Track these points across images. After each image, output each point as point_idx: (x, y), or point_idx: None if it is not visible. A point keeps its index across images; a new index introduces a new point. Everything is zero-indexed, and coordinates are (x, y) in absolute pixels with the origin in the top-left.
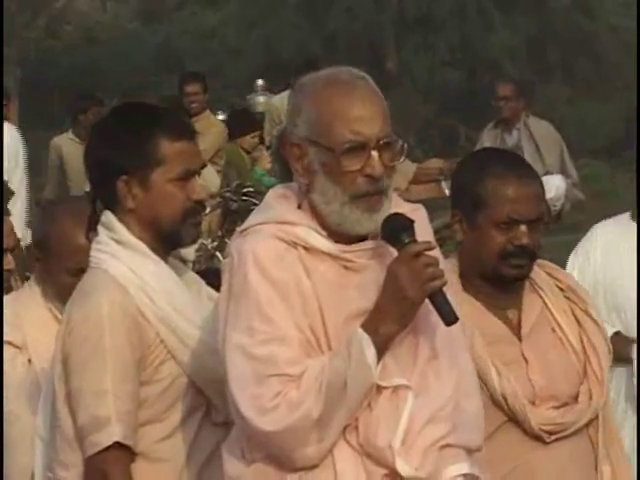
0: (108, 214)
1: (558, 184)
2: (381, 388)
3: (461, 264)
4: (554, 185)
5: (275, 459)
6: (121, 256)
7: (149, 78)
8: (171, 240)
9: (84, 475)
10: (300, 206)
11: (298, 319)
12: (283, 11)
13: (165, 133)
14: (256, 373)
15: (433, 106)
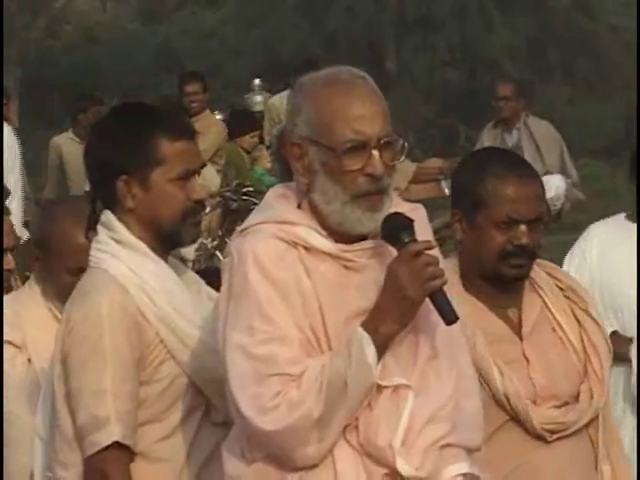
0: (108, 214)
1: (558, 184)
2: (381, 387)
3: (461, 264)
4: (554, 185)
5: (275, 459)
6: (121, 256)
7: (149, 78)
8: (171, 240)
9: (83, 475)
10: (300, 206)
11: (298, 319)
12: (282, 11)
13: (165, 133)
14: (256, 372)
15: (433, 106)
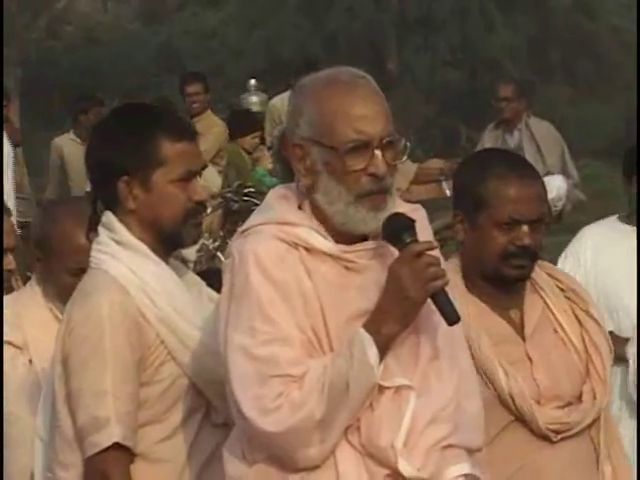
0: (109, 215)
1: (559, 184)
2: (383, 388)
3: (463, 265)
4: (555, 185)
5: (277, 460)
6: (121, 257)
7: (150, 79)
8: (172, 241)
9: (84, 476)
10: (300, 206)
11: (300, 320)
12: (284, 11)
13: (166, 134)
14: (258, 373)
15: (434, 106)
